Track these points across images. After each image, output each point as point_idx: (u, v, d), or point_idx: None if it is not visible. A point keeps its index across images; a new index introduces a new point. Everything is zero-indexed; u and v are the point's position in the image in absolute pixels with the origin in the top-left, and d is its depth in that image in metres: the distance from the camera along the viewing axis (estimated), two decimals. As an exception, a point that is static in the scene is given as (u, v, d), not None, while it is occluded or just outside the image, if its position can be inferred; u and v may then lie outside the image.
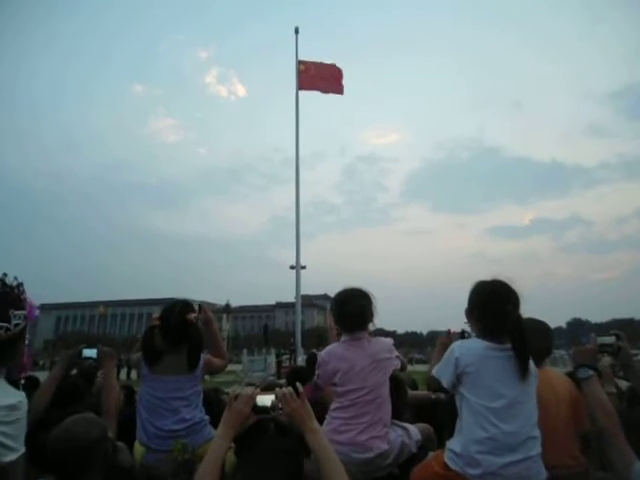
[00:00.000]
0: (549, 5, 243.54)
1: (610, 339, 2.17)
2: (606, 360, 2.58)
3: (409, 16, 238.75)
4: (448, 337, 2.34)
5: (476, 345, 1.93)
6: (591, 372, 2.04)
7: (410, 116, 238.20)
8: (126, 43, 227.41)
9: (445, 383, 1.98)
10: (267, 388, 2.30)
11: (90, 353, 2.76)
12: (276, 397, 1.59)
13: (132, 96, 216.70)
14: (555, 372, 2.32)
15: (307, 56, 17.48)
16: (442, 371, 1.98)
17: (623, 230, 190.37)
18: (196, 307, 2.76)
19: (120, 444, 2.43)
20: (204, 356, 2.69)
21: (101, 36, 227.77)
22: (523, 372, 1.86)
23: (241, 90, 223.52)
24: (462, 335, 2.23)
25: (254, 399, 1.60)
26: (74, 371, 3.16)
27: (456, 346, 1.97)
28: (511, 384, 1.85)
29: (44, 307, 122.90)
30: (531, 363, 1.92)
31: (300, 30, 18.21)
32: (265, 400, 1.60)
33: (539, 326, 2.42)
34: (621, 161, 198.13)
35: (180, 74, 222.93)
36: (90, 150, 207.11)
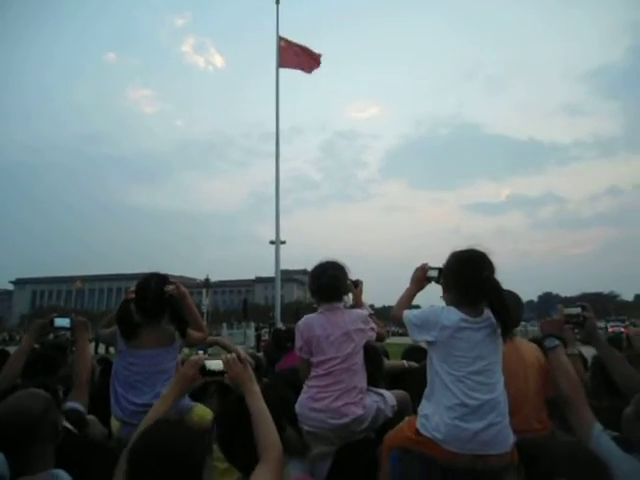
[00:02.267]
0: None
1: (576, 310, 2.22)
2: (567, 326, 2.67)
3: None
4: (423, 271, 2.28)
5: (452, 315, 1.96)
6: (557, 342, 2.12)
7: (390, 92, 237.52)
8: (101, 10, 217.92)
9: (418, 340, 2.09)
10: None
11: (62, 322, 2.66)
12: (223, 362, 1.75)
13: (107, 65, 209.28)
14: (523, 341, 2.38)
15: (288, 28, 17.12)
16: (418, 331, 2.02)
17: (595, 207, 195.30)
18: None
19: (91, 417, 2.42)
20: None
21: (79, 4, 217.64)
22: (504, 335, 1.94)
23: (219, 61, 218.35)
24: (439, 272, 2.18)
25: (199, 364, 1.75)
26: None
27: (438, 313, 2.00)
28: (481, 353, 1.91)
29: (19, 281, 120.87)
30: (500, 336, 1.98)
31: (281, 0, 17.73)
32: (215, 365, 1.76)
33: (510, 296, 2.46)
34: (595, 140, 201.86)
35: (156, 43, 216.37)
36: (68, 121, 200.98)
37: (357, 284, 2.74)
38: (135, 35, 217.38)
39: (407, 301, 2.27)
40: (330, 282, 2.46)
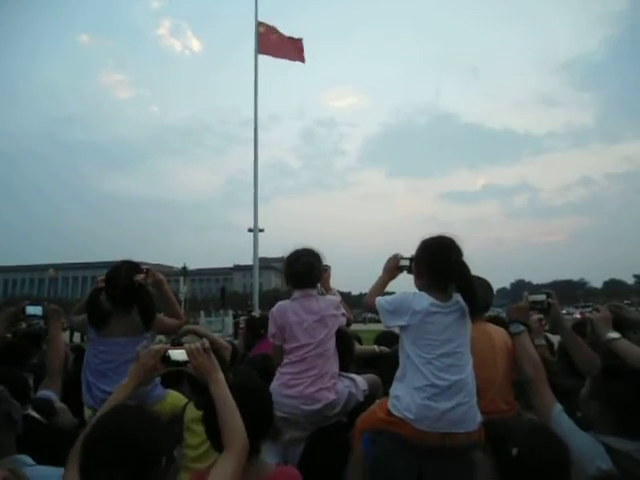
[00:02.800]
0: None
1: (541, 297, 2.30)
2: (535, 316, 2.77)
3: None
4: (395, 260, 2.36)
5: (423, 300, 2.03)
6: (522, 327, 2.23)
7: (368, 80, 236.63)
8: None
9: (390, 325, 2.14)
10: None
11: (35, 310, 2.63)
12: (186, 352, 1.69)
13: (81, 47, 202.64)
14: (492, 325, 2.44)
15: (266, 13, 16.83)
16: (391, 317, 2.09)
17: (567, 197, 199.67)
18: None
19: (60, 405, 2.41)
20: (156, 315, 2.66)
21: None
22: (472, 315, 2.03)
23: (196, 45, 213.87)
24: (411, 262, 2.26)
25: (160, 353, 1.69)
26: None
27: (409, 299, 2.06)
28: (451, 336, 1.98)
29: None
30: (468, 318, 2.06)
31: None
32: (177, 354, 1.70)
33: (479, 282, 2.53)
34: (568, 130, 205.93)
35: (131, 25, 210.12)
36: (40, 104, 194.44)
37: (325, 269, 2.77)
38: (109, 16, 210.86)
39: (379, 289, 2.34)
40: (303, 268, 2.49)
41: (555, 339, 3.00)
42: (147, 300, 2.55)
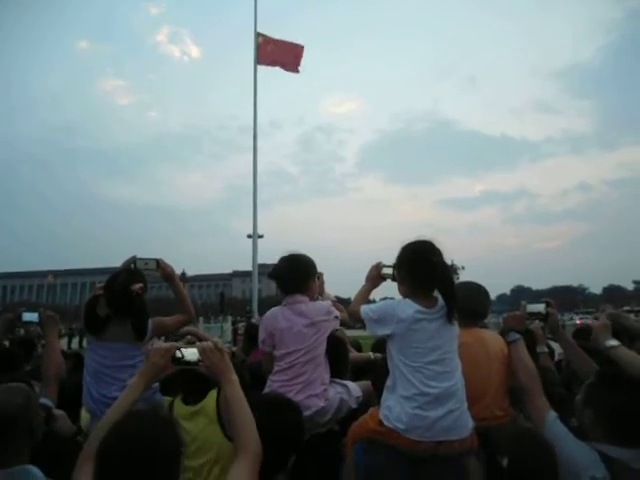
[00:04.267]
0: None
1: (540, 306, 2.31)
2: (537, 323, 2.78)
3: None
4: (377, 269, 2.39)
5: (408, 308, 2.01)
6: (517, 336, 2.22)
7: (367, 87, 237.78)
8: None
9: (377, 334, 2.12)
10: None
11: (31, 317, 2.65)
12: (198, 350, 1.64)
13: (80, 54, 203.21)
14: (488, 332, 2.43)
15: (265, 20, 16.91)
16: (377, 326, 2.08)
17: (566, 203, 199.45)
18: (153, 264, 2.69)
19: (58, 412, 2.39)
20: (153, 320, 2.65)
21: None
22: (449, 317, 1.99)
23: (195, 51, 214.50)
24: (393, 269, 2.28)
25: (170, 352, 1.64)
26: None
27: (394, 307, 2.05)
28: (437, 343, 1.96)
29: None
30: (456, 325, 2.05)
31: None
32: (189, 353, 1.64)
33: (474, 287, 2.52)
34: (565, 136, 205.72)
35: (130, 31, 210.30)
36: (39, 111, 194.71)
37: (318, 276, 2.78)
38: (108, 23, 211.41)
39: (363, 298, 2.37)
40: (291, 275, 2.50)
41: (556, 345, 3.00)
42: (140, 311, 2.54)
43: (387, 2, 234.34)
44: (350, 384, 2.49)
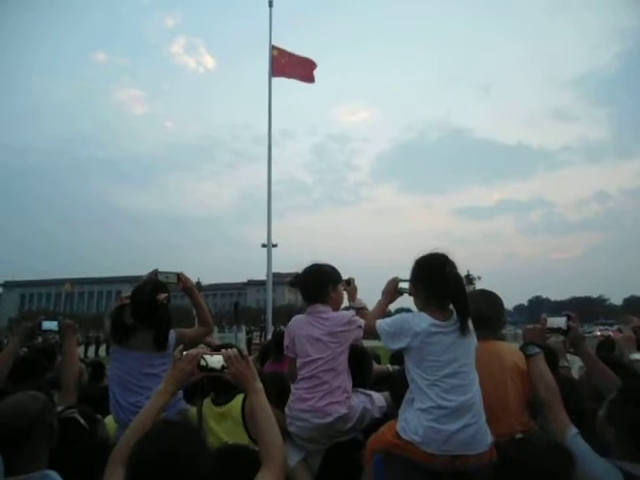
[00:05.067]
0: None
1: (561, 320, 2.26)
2: (557, 337, 2.73)
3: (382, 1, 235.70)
4: (393, 283, 2.41)
5: (422, 321, 2.02)
6: (537, 349, 2.17)
7: (380, 96, 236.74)
8: (88, 8, 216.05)
9: (393, 348, 2.13)
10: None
11: (50, 326, 2.70)
12: (223, 358, 1.65)
13: (95, 65, 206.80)
14: (503, 344, 2.39)
15: (280, 31, 17.18)
16: (392, 340, 2.08)
17: (583, 212, 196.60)
18: (174, 278, 2.78)
19: (99, 417, 2.44)
20: (175, 331, 2.70)
21: (64, 2, 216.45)
22: (463, 330, 1.98)
23: (210, 62, 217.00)
24: (410, 284, 2.29)
25: (197, 359, 1.65)
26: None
27: (409, 320, 2.05)
28: (454, 356, 1.96)
29: (8, 284, 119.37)
30: (473, 336, 2.05)
31: (274, 3, 17.78)
32: (214, 360, 1.66)
33: (488, 297, 2.47)
34: (582, 145, 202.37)
35: (145, 42, 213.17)
36: (53, 122, 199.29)
37: (349, 282, 2.79)
38: (123, 34, 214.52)
39: (379, 313, 2.39)
40: (310, 284, 2.53)
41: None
42: (163, 320, 2.60)
43: (399, 11, 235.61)
44: (374, 394, 2.50)
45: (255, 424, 1.54)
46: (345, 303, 2.70)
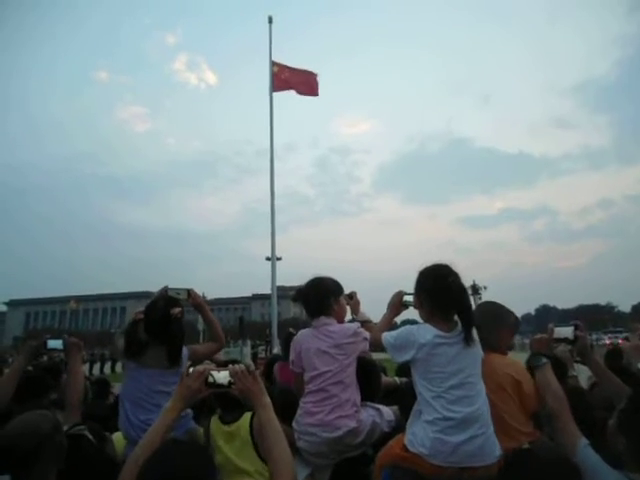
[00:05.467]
0: (514, 1, 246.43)
1: (568, 330, 2.25)
2: (564, 347, 2.70)
3: (382, 8, 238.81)
4: (399, 297, 2.42)
5: (427, 333, 2.02)
6: (544, 360, 2.16)
7: (380, 107, 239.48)
8: (88, 27, 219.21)
9: (399, 361, 2.12)
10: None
11: (55, 344, 2.69)
12: (230, 374, 1.63)
13: (97, 83, 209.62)
14: (498, 356, 2.28)
15: (280, 45, 17.32)
16: (398, 353, 2.08)
17: (587, 219, 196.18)
18: (184, 294, 2.77)
19: (108, 434, 2.43)
20: (187, 348, 2.70)
21: (62, 20, 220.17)
22: (467, 340, 1.98)
23: (211, 78, 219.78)
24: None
25: (204, 375, 1.63)
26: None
27: (414, 332, 2.05)
28: (459, 367, 1.95)
29: (13, 303, 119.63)
30: (479, 346, 2.04)
31: (274, 20, 18.00)
32: (221, 376, 1.64)
33: (484, 313, 2.39)
34: (584, 152, 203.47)
35: (146, 60, 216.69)
36: (53, 141, 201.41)
37: (352, 296, 2.79)
38: (125, 52, 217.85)
39: (385, 325, 2.40)
40: (315, 297, 2.54)
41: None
42: (176, 335, 2.59)
43: (399, 22, 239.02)
44: (383, 408, 2.49)
45: (263, 439, 1.53)
46: (348, 316, 2.70)
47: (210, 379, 1.64)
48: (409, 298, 2.37)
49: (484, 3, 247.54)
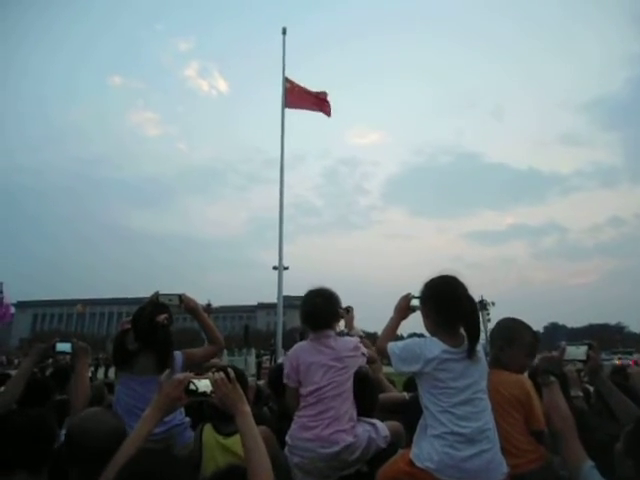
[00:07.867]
0: (526, 18, 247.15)
1: (581, 351, 2.22)
2: (572, 366, 2.67)
3: (393, 24, 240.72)
4: (406, 300, 2.37)
5: (435, 348, 2.00)
6: (552, 379, 2.13)
7: (390, 119, 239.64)
8: (105, 33, 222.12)
9: (400, 371, 2.10)
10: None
11: (64, 347, 2.71)
12: (210, 382, 1.63)
13: (111, 88, 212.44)
14: (505, 374, 2.26)
15: (292, 54, 17.50)
16: (402, 364, 2.06)
17: (598, 237, 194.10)
18: (176, 300, 2.75)
19: None
20: (182, 353, 2.69)
21: (80, 27, 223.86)
22: (469, 354, 1.96)
23: (223, 85, 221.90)
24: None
25: (184, 383, 1.64)
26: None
27: (421, 345, 2.03)
28: (466, 383, 1.94)
29: (20, 304, 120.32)
30: (484, 362, 2.03)
31: (288, 31, 18.21)
32: (201, 385, 1.64)
33: (508, 324, 2.41)
34: (595, 169, 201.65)
35: (160, 66, 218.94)
36: (72, 144, 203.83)
37: (348, 310, 2.77)
38: (139, 59, 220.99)
39: (391, 332, 2.35)
40: (314, 310, 2.50)
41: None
42: (164, 342, 2.58)
43: (410, 35, 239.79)
44: (378, 423, 2.45)
45: (244, 447, 1.53)
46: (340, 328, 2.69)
47: (191, 387, 1.64)
48: (417, 302, 2.33)
49: (494, 22, 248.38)
